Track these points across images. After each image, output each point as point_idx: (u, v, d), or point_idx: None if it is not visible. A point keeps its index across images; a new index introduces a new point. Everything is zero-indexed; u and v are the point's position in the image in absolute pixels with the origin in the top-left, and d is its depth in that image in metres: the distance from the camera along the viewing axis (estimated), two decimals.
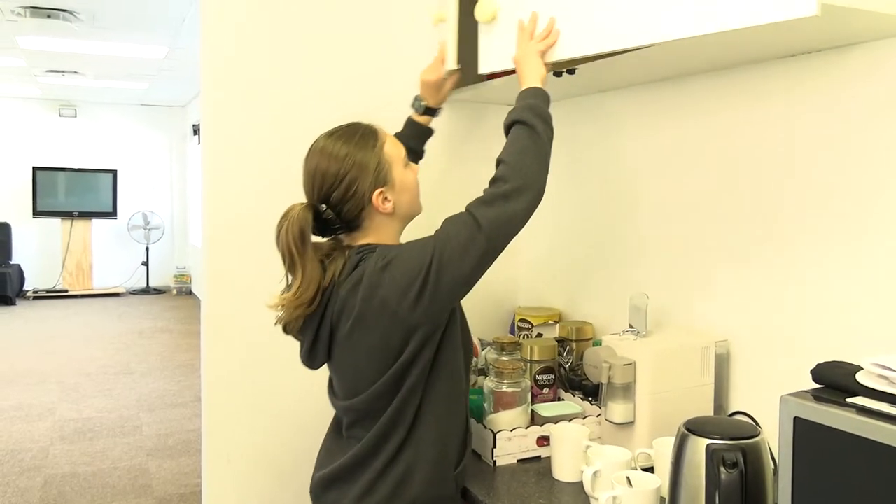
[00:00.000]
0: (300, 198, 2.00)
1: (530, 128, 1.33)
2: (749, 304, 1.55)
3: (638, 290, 1.85)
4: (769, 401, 1.51)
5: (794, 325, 1.46)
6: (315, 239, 1.37)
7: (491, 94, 2.02)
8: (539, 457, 1.61)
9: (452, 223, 1.27)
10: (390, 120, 1.81)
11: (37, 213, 9.27)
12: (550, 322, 2.08)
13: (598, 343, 1.71)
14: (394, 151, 1.39)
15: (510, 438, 1.58)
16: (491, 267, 1.27)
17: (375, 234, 1.38)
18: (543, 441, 1.61)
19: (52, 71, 7.32)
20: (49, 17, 4.89)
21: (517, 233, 1.28)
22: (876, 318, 1.31)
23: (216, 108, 1.95)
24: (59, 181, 9.36)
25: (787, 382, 1.47)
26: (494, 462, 1.57)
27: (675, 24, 1.26)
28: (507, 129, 1.38)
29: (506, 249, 1.29)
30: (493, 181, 1.29)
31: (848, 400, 0.96)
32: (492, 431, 1.57)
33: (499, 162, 1.32)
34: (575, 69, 1.65)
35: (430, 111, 1.82)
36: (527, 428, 1.61)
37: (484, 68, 1.67)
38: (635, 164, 1.88)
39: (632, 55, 1.46)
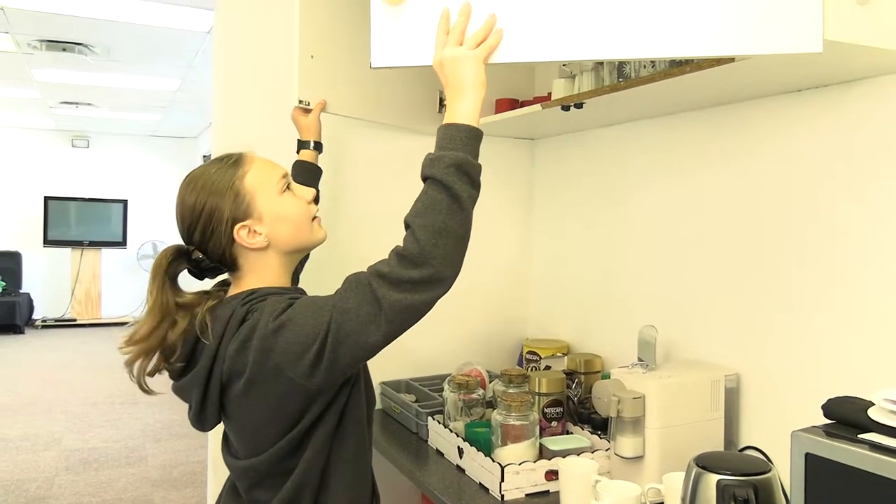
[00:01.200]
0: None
1: (454, 198, 1.09)
2: (759, 338, 1.55)
3: (647, 323, 1.84)
4: (780, 436, 1.49)
5: (804, 359, 1.45)
6: (200, 285, 1.30)
7: (490, 127, 2.03)
8: (547, 491, 1.59)
9: (352, 292, 1.10)
10: (399, 145, 1.83)
11: (47, 242, 9.33)
12: (559, 354, 2.08)
13: (606, 376, 1.70)
14: (259, 179, 1.22)
15: (518, 472, 1.57)
16: (499, 299, 1.23)
17: (257, 274, 1.24)
18: (552, 475, 1.59)
19: (66, 102, 7.43)
20: (64, 50, 4.98)
21: (420, 318, 1.11)
22: (888, 353, 1.30)
23: (227, 140, 1.98)
24: (70, 211, 9.43)
25: (797, 417, 1.46)
26: (502, 496, 1.55)
27: (683, 43, 1.26)
28: (425, 180, 1.13)
29: (513, 282, 1.27)
30: (402, 258, 1.08)
31: (860, 436, 0.95)
32: (500, 465, 1.56)
33: (408, 227, 1.10)
34: (583, 103, 1.67)
35: (314, 146, 1.79)
36: (535, 462, 1.59)
37: (378, 62, 1.32)
38: (643, 197, 1.88)
39: (640, 89, 1.48)
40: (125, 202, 9.68)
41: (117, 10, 4.20)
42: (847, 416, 1.01)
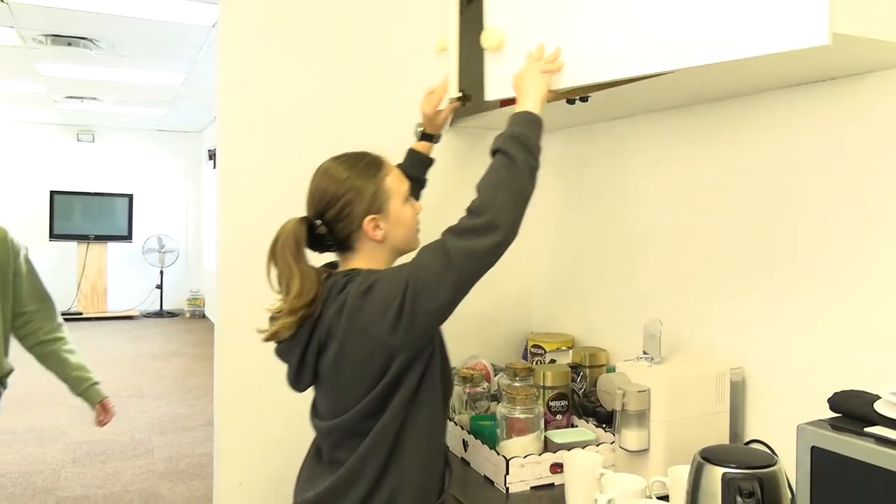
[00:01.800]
0: None
1: (511, 159, 1.32)
2: (765, 332, 1.55)
3: (652, 316, 1.84)
4: (785, 429, 1.49)
5: (810, 352, 1.45)
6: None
7: (494, 121, 2.03)
8: (552, 484, 1.60)
9: (426, 251, 1.28)
10: (401, 145, 1.84)
11: (53, 236, 9.36)
12: (563, 348, 2.08)
13: (611, 369, 1.70)
14: (395, 185, 1.41)
15: (523, 465, 1.57)
16: (504, 292, 1.27)
17: (365, 258, 1.40)
18: (557, 468, 1.60)
19: (71, 97, 7.44)
20: (69, 44, 4.98)
21: (488, 268, 1.27)
22: (895, 347, 1.30)
23: (232, 134, 1.98)
24: (75, 205, 9.46)
25: (803, 411, 1.46)
26: (507, 489, 1.55)
27: (688, 53, 1.27)
28: (492, 154, 1.37)
29: (518, 275, 1.29)
30: (468, 211, 1.29)
31: (866, 429, 0.95)
32: (504, 458, 1.56)
33: (477, 189, 1.32)
34: (588, 96, 1.66)
35: (429, 137, 1.84)
36: (540, 455, 1.60)
37: (490, 95, 1.68)
38: (648, 190, 1.88)
39: (645, 83, 1.47)
40: (130, 196, 9.70)
41: (122, 4, 4.20)
42: (853, 410, 1.01)
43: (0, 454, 4.49)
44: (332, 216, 1.38)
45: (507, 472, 1.55)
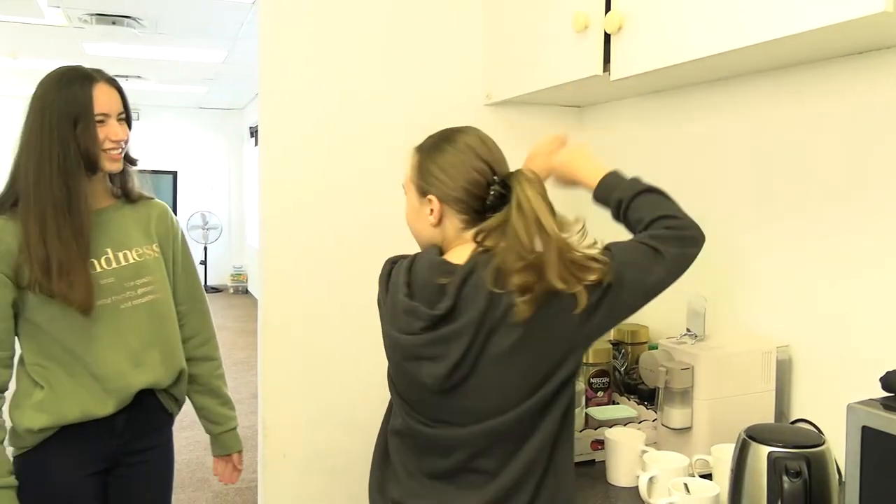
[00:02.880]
0: (356, 199, 2.03)
1: (659, 193, 1.33)
2: (813, 308, 1.51)
3: (695, 293, 1.81)
4: (833, 409, 1.46)
5: (860, 330, 1.41)
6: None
7: (535, 96, 2.00)
8: (593, 461, 1.60)
9: (629, 251, 1.22)
10: (444, 122, 1.83)
11: None
12: None
13: (654, 347, 1.68)
14: None
15: None
16: None
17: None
18: (598, 445, 1.59)
19: (116, 76, 7.54)
20: (114, 23, 5.05)
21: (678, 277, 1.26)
22: None
23: (273, 111, 1.99)
24: None
25: (853, 390, 1.42)
26: None
27: (746, 30, 1.23)
28: (619, 205, 1.33)
29: None
30: (668, 227, 1.26)
31: None
32: None
33: (649, 223, 1.27)
34: None
35: None
36: (581, 431, 1.59)
37: (615, 75, 1.59)
38: (691, 163, 1.84)
39: (704, 58, 1.43)
40: (175, 173, 9.87)
41: None
42: None
43: None
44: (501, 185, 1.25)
45: None
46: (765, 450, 1.13)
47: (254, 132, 9.28)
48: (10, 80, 7.94)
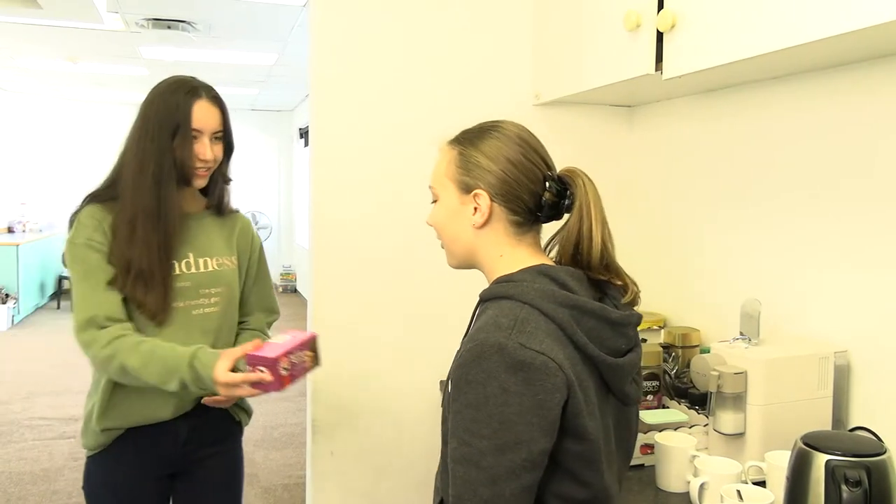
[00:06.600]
0: (405, 200, 2.04)
1: None
2: (873, 313, 1.46)
3: (748, 295, 1.77)
4: (894, 417, 1.41)
5: None
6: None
7: (585, 95, 1.98)
8: (643, 465, 1.57)
9: None
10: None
11: None
12: (655, 327, 2.03)
13: (706, 350, 1.65)
14: None
15: None
16: None
17: None
18: (647, 449, 1.57)
19: None
20: (169, 28, 5.17)
21: None
22: None
23: (323, 112, 2.02)
24: None
25: None
26: None
27: (802, 27, 1.20)
28: None
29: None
30: None
31: None
32: None
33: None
34: None
35: None
36: None
37: (668, 74, 1.56)
38: (742, 163, 1.80)
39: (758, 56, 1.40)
40: None
41: None
42: None
43: None
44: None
45: None
46: (823, 458, 1.10)
47: (303, 133, 9.41)
48: (71, 84, 8.21)
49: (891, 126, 1.41)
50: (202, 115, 1.57)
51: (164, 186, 1.54)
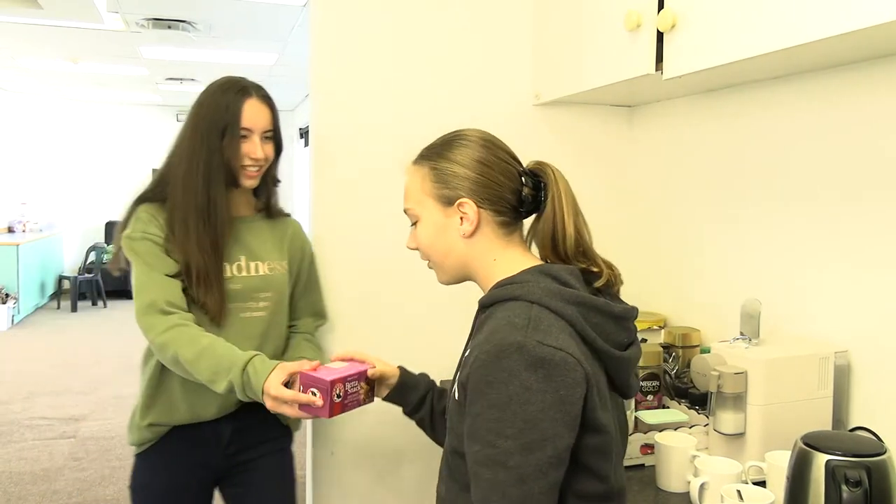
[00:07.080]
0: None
1: None
2: (873, 313, 1.46)
3: (749, 296, 1.77)
4: (894, 417, 1.41)
5: None
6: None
7: (585, 95, 1.98)
8: (643, 465, 1.57)
9: None
10: (497, 122, 1.82)
11: None
12: (655, 327, 2.03)
13: (706, 350, 1.65)
14: None
15: None
16: None
17: None
18: (647, 449, 1.57)
19: (170, 79, 7.74)
20: (169, 27, 5.17)
21: None
22: None
23: (323, 112, 2.02)
24: None
25: None
26: None
27: (803, 27, 1.20)
28: None
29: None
30: None
31: None
32: None
33: None
34: None
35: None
36: (630, 435, 1.57)
37: (668, 74, 1.55)
38: (742, 163, 1.80)
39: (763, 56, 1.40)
40: None
41: None
42: None
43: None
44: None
45: None
46: (823, 458, 1.10)
47: (303, 133, 9.40)
48: (71, 84, 8.21)
49: (891, 126, 1.41)
50: (252, 114, 1.57)
51: (214, 186, 1.54)
